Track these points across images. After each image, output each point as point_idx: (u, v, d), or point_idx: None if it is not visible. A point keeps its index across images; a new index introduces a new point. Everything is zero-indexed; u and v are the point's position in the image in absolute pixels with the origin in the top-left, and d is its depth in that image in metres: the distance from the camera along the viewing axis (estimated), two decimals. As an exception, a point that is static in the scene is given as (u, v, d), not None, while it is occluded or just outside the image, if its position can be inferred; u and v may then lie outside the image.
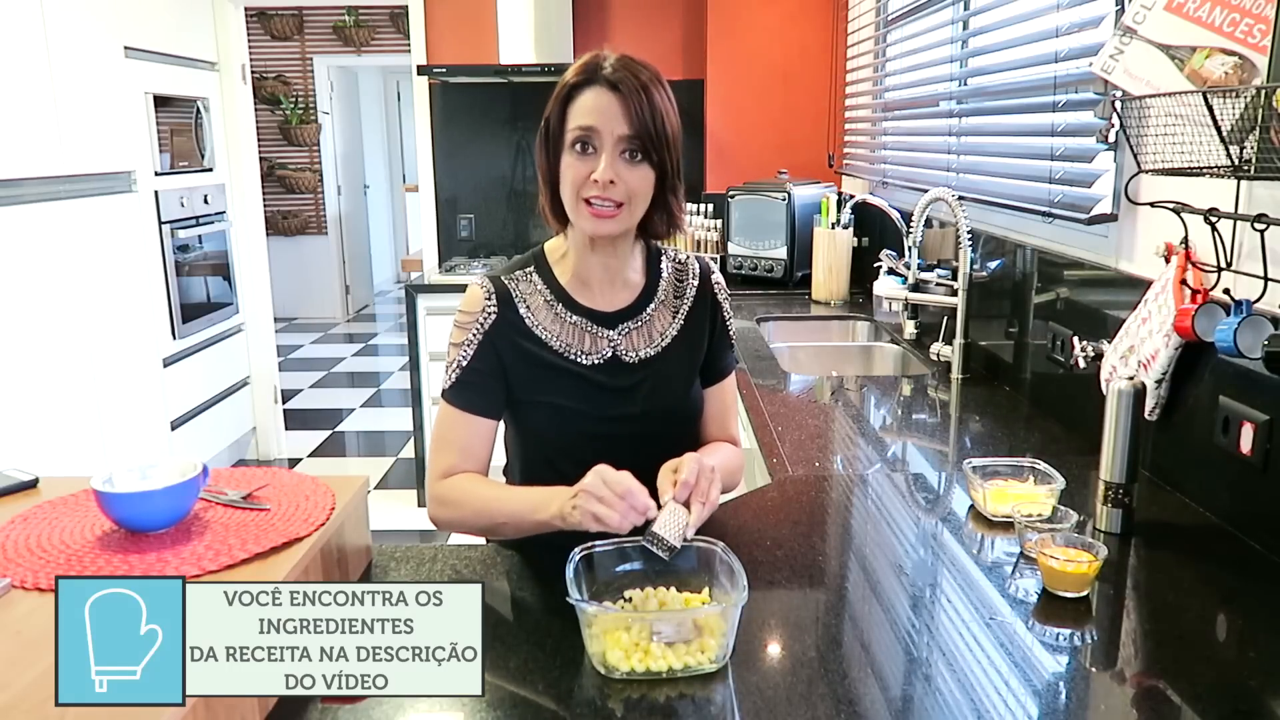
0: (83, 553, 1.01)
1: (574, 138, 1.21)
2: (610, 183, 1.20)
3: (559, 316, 1.31)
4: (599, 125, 1.19)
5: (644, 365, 1.32)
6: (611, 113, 1.19)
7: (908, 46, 3.12)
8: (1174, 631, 1.10)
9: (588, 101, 1.20)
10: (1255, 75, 1.22)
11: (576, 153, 1.21)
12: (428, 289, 3.78)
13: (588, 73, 1.21)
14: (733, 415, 1.43)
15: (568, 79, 1.23)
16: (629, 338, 1.32)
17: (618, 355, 1.31)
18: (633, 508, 1.06)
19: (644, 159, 1.21)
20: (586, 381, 1.29)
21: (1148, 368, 1.46)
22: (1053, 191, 1.92)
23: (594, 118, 1.19)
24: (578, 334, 1.30)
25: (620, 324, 1.32)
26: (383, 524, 3.86)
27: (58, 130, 3.12)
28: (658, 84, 1.23)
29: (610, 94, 1.19)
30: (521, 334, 1.29)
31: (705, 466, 1.13)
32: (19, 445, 2.86)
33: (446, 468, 1.28)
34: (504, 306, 1.29)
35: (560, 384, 1.29)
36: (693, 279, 1.38)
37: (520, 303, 1.30)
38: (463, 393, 1.28)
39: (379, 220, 9.12)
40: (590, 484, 1.08)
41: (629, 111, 1.19)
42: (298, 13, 7.39)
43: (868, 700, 0.95)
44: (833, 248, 3.26)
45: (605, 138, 1.19)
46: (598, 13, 4.18)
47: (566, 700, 0.94)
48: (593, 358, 1.30)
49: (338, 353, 6.96)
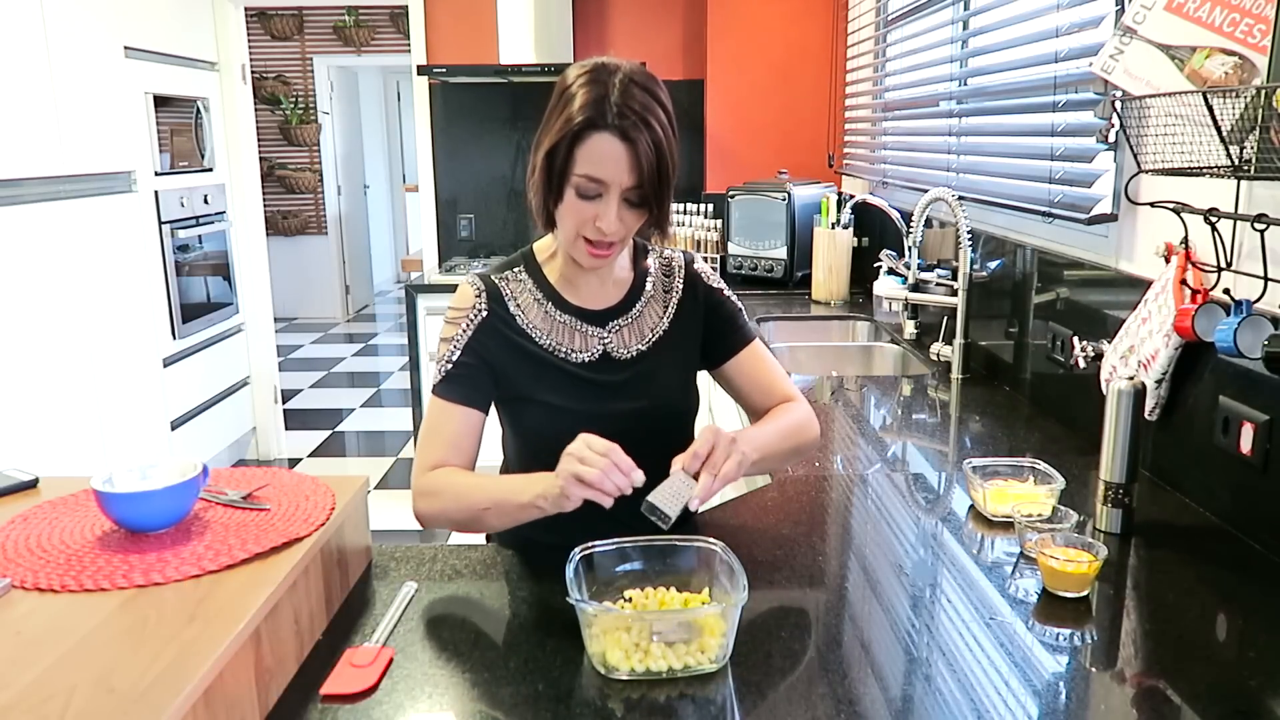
0: (83, 553, 1.01)
1: (580, 185, 1.20)
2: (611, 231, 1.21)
3: (549, 315, 1.31)
4: (607, 178, 1.18)
5: (636, 361, 1.33)
6: (620, 165, 1.18)
7: (908, 46, 3.12)
8: (1174, 631, 1.10)
9: (596, 150, 1.18)
10: (1255, 75, 1.22)
11: (580, 196, 1.20)
12: (428, 289, 3.79)
13: (596, 111, 1.17)
14: (777, 376, 1.39)
15: (575, 115, 1.18)
16: (619, 335, 1.33)
17: (608, 352, 1.32)
18: (615, 465, 1.05)
19: (640, 206, 1.22)
20: (578, 379, 1.30)
21: (1148, 368, 1.46)
22: (1053, 191, 1.92)
23: (602, 170, 1.18)
24: (568, 333, 1.31)
25: (610, 321, 1.33)
26: (383, 524, 3.86)
27: (58, 130, 3.12)
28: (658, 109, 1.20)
29: (620, 143, 1.17)
30: (513, 331, 1.30)
31: (723, 437, 1.12)
32: (19, 445, 2.86)
33: (433, 461, 1.26)
34: (494, 304, 1.30)
35: (552, 382, 1.29)
36: (679, 273, 1.39)
37: (510, 301, 1.31)
38: (451, 385, 1.28)
39: (379, 220, 9.12)
40: (573, 447, 1.08)
41: (635, 164, 1.18)
42: (298, 13, 7.39)
43: (868, 700, 0.95)
44: (833, 248, 3.26)
45: (612, 188, 1.19)
46: (598, 13, 4.18)
47: (566, 700, 0.94)
48: (583, 355, 1.31)
49: (338, 353, 6.96)
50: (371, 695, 0.94)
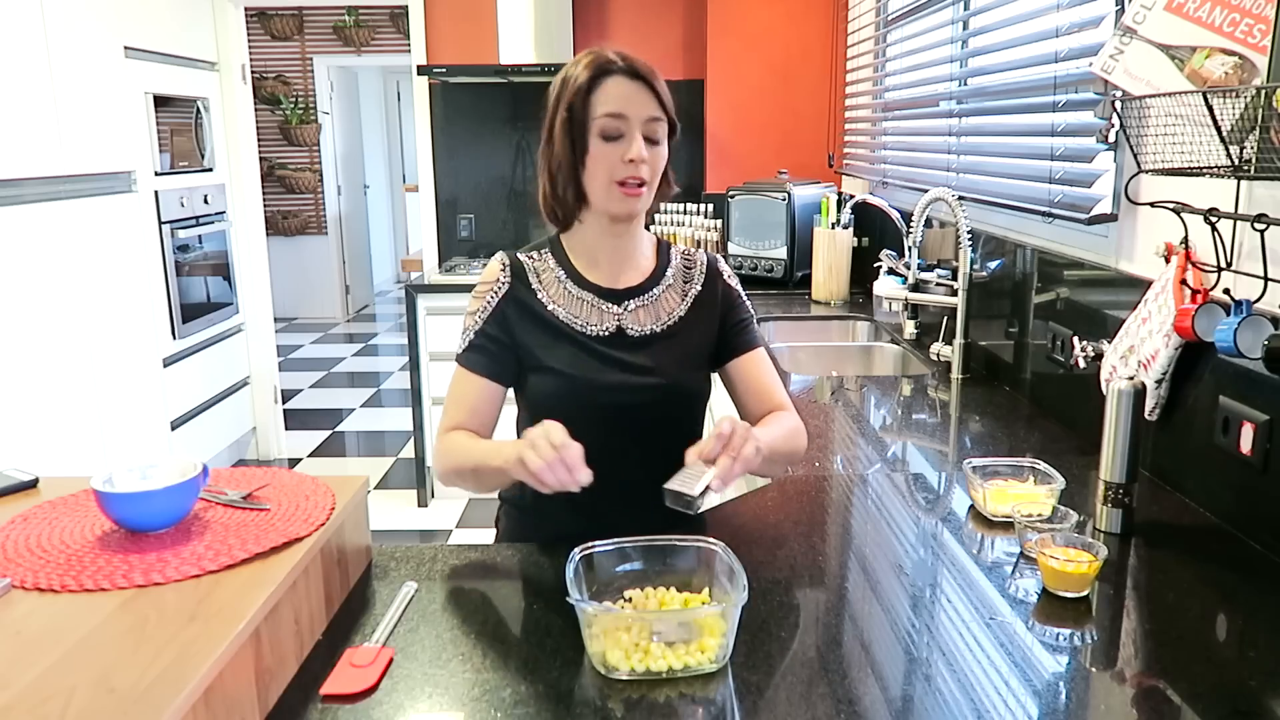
0: (83, 553, 1.01)
1: (603, 125, 1.28)
2: (642, 161, 1.28)
3: (568, 291, 1.37)
4: (628, 111, 1.27)
5: (649, 340, 1.36)
6: (638, 99, 1.28)
7: (908, 46, 3.12)
8: (1174, 631, 1.10)
9: (612, 90, 1.28)
10: (1255, 75, 1.22)
11: (604, 141, 1.28)
12: (428, 289, 3.78)
13: (601, 65, 1.29)
14: (775, 386, 1.42)
15: (581, 74, 1.29)
16: (635, 314, 1.37)
17: (623, 328, 1.36)
18: (563, 460, 1.07)
19: (660, 141, 1.30)
20: (591, 351, 1.34)
21: (1148, 368, 1.46)
22: (1053, 191, 1.92)
23: (622, 104, 1.27)
24: (585, 307, 1.37)
25: (627, 300, 1.38)
26: (383, 524, 3.86)
27: (58, 130, 3.12)
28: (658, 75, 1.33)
29: (632, 82, 1.28)
30: (533, 302, 1.36)
31: (741, 425, 1.14)
32: (19, 445, 2.86)
33: (453, 424, 1.34)
34: (517, 279, 1.37)
35: (565, 352, 1.34)
36: (700, 269, 1.44)
37: (533, 275, 1.38)
38: (474, 356, 1.35)
39: (379, 220, 9.12)
40: (534, 431, 1.10)
41: (652, 95, 1.29)
42: (298, 13, 7.39)
43: (868, 700, 0.95)
44: (833, 248, 3.26)
45: (633, 122, 1.28)
46: (598, 13, 4.18)
47: (566, 700, 0.94)
48: (598, 329, 1.35)
49: (338, 353, 6.96)
50: (371, 695, 0.94)
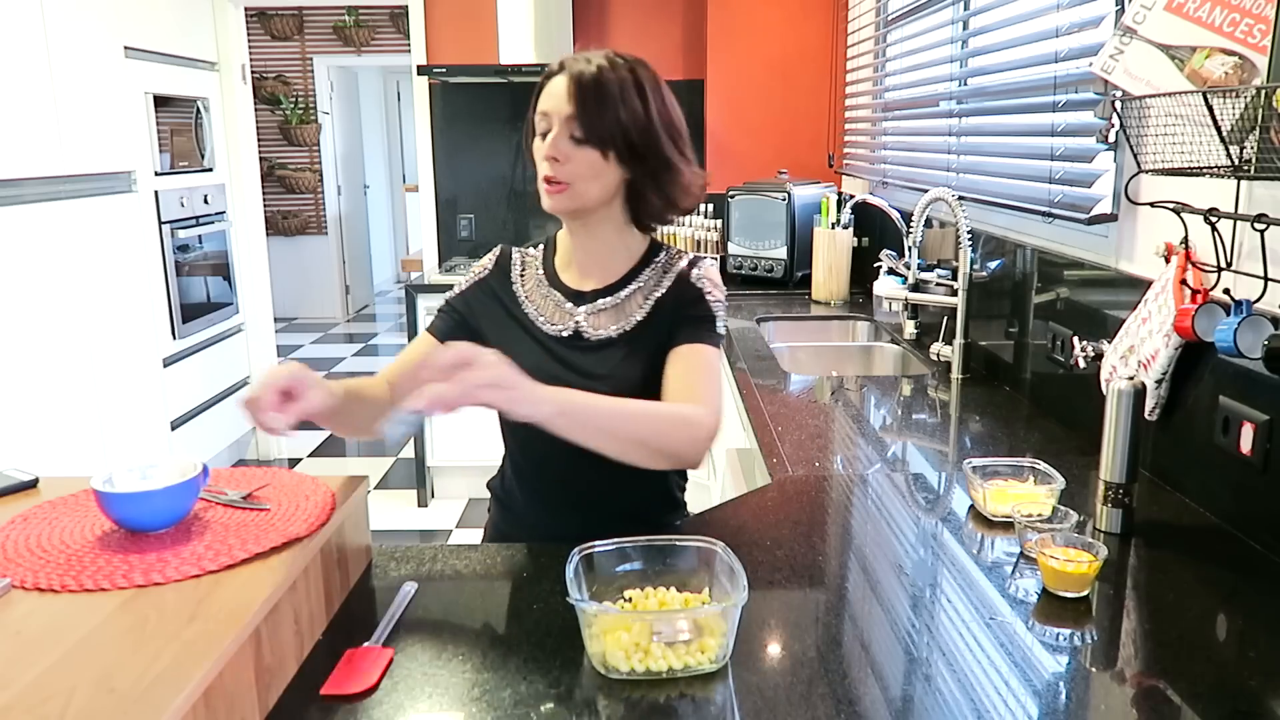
0: (83, 553, 1.01)
1: (536, 124, 1.30)
2: (554, 160, 1.26)
3: (540, 287, 1.41)
4: (549, 109, 1.27)
5: (604, 345, 1.35)
6: (561, 96, 1.26)
7: (908, 46, 3.11)
8: (1174, 631, 1.10)
9: (546, 90, 1.29)
10: (1255, 75, 1.22)
11: (538, 137, 1.30)
12: (428, 289, 3.78)
13: (557, 65, 1.30)
14: (699, 384, 1.28)
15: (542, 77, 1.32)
16: (597, 317, 1.36)
17: (579, 331, 1.36)
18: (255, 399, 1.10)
19: (586, 141, 1.26)
20: (547, 350, 1.36)
21: (1148, 368, 1.46)
22: (1053, 191, 1.92)
23: (548, 103, 1.28)
24: (551, 306, 1.39)
25: (589, 302, 1.37)
26: (383, 524, 3.86)
27: (58, 130, 3.12)
28: (625, 73, 1.27)
29: (564, 78, 1.27)
30: (505, 296, 1.41)
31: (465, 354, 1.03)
32: (19, 445, 2.86)
33: (386, 374, 1.38)
34: (499, 270, 1.43)
35: (522, 347, 1.35)
36: (674, 271, 1.37)
37: (516, 269, 1.43)
38: (435, 321, 1.43)
39: (379, 220, 9.12)
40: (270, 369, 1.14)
41: (573, 94, 1.25)
42: (298, 13, 7.39)
43: (868, 700, 0.95)
44: (833, 248, 3.26)
45: (554, 120, 1.27)
46: (598, 13, 4.18)
47: (566, 700, 0.94)
48: (558, 329, 1.36)
49: (338, 353, 6.96)
50: (371, 695, 0.94)
